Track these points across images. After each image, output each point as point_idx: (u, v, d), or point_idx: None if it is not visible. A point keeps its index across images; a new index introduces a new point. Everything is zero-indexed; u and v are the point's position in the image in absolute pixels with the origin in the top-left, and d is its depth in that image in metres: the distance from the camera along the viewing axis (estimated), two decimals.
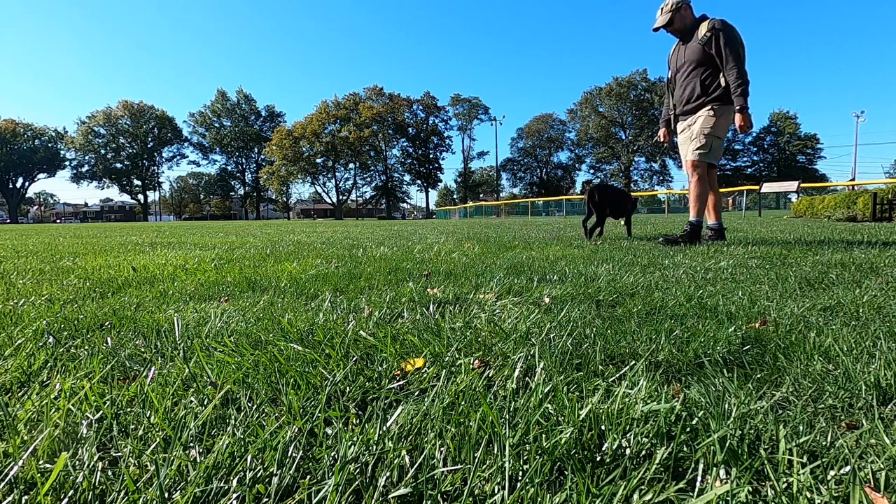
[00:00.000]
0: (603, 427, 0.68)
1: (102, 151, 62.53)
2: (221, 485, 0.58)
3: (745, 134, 3.69)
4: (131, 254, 3.80)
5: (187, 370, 0.93)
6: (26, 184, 63.99)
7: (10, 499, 0.56)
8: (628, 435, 0.66)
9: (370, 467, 0.61)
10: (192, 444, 0.66)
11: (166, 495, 0.56)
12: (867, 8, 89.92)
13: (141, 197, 66.70)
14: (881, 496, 0.55)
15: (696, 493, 0.56)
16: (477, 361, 0.97)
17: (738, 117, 3.50)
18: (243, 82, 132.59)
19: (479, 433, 0.67)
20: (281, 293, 1.78)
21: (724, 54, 3.54)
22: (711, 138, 3.66)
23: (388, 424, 0.70)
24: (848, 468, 0.59)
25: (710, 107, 3.67)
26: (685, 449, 0.64)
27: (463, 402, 0.77)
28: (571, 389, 0.84)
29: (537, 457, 0.61)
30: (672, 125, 4.13)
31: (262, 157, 63.82)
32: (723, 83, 3.62)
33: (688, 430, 0.68)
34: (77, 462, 0.62)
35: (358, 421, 0.75)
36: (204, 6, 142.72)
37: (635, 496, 0.55)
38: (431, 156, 63.74)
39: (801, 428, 0.70)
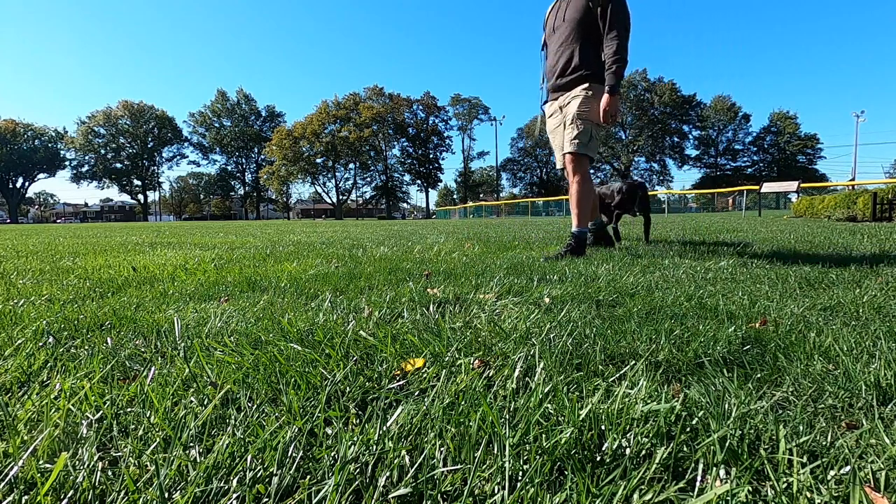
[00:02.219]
0: (603, 427, 0.68)
1: (102, 151, 62.53)
2: (221, 485, 0.58)
3: (609, 125, 2.88)
4: (131, 254, 3.80)
5: (187, 370, 0.93)
6: (26, 184, 63.99)
7: (10, 499, 0.56)
8: (628, 435, 0.66)
9: (370, 467, 0.61)
10: (192, 444, 0.66)
11: (166, 495, 0.56)
12: (867, 8, 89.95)
13: (141, 197, 66.71)
14: (881, 496, 0.55)
15: (696, 493, 0.56)
16: (477, 361, 0.97)
17: (605, 98, 2.78)
18: (243, 82, 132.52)
19: (479, 433, 0.67)
20: (281, 293, 1.78)
21: (609, 19, 2.79)
22: (590, 125, 2.89)
23: (388, 424, 0.70)
24: (848, 468, 0.59)
25: (588, 84, 2.88)
26: (685, 449, 0.64)
27: (463, 402, 0.77)
28: (571, 389, 0.84)
29: (537, 457, 0.61)
30: (541, 105, 3.19)
31: (262, 157, 63.83)
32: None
33: (688, 429, 0.68)
34: (77, 462, 0.62)
35: (358, 421, 0.75)
36: (204, 6, 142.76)
37: (635, 496, 0.55)
38: (431, 156, 63.75)
39: (801, 428, 0.70)
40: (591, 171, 3.22)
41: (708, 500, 0.53)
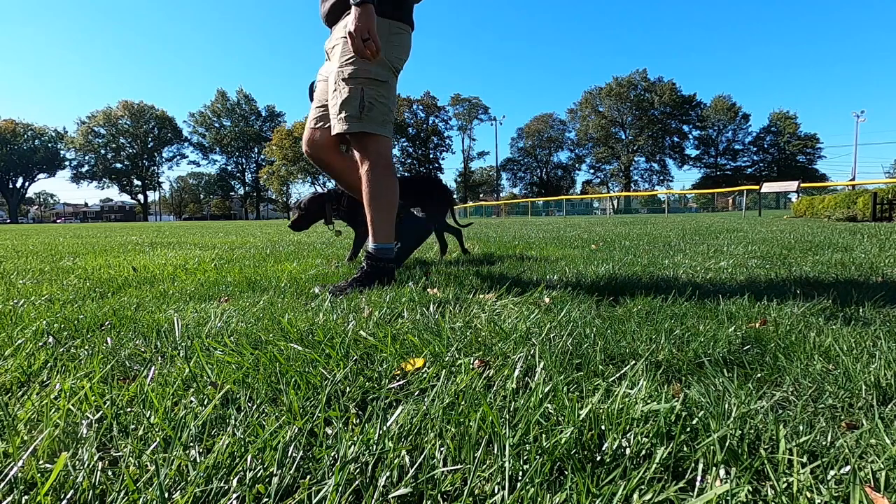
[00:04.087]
0: (603, 427, 0.68)
1: (102, 151, 62.62)
2: (221, 485, 0.58)
3: (368, 57, 1.72)
4: (131, 254, 3.80)
5: (187, 370, 0.93)
6: (26, 184, 64.06)
7: (10, 499, 0.56)
8: (628, 435, 0.66)
9: (370, 467, 0.61)
10: (192, 444, 0.66)
11: (166, 495, 0.56)
12: (868, 7, 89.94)
13: (141, 197, 66.77)
14: (881, 496, 0.55)
15: (695, 493, 0.56)
16: (477, 361, 0.97)
17: (351, 13, 1.71)
18: (243, 82, 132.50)
19: (479, 433, 0.67)
20: (281, 293, 1.78)
21: None
22: (358, 86, 1.85)
23: (388, 424, 0.70)
24: (848, 468, 0.59)
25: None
26: (685, 449, 0.64)
27: (463, 402, 0.77)
28: (571, 389, 0.84)
29: (537, 457, 0.61)
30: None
31: (262, 157, 63.92)
32: None
33: (688, 429, 0.68)
34: (77, 462, 0.62)
35: (358, 421, 0.75)
36: (204, 6, 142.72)
37: (635, 496, 0.55)
38: (431, 156, 63.83)
39: (801, 428, 0.70)
40: (593, 170, 2.64)
41: (708, 500, 0.53)
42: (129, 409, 0.78)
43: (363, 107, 1.86)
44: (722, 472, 0.59)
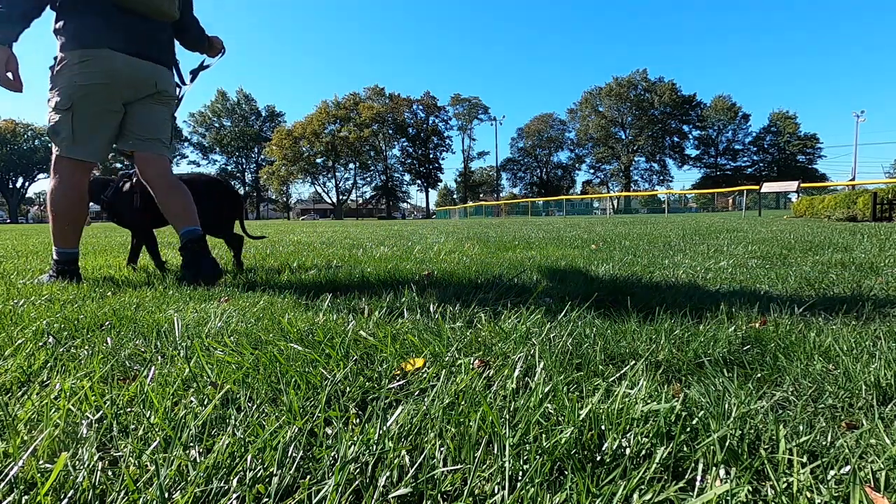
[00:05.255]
0: (603, 427, 0.68)
1: None
2: (221, 485, 0.58)
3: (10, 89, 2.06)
4: None
5: (187, 370, 0.93)
6: (26, 184, 64.03)
7: (10, 499, 0.56)
8: (628, 435, 0.66)
9: (370, 467, 0.61)
10: (192, 444, 0.66)
11: (166, 495, 0.56)
12: (868, 7, 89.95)
13: None
14: (881, 496, 0.55)
15: (695, 493, 0.56)
16: (477, 361, 0.97)
17: None
18: (243, 82, 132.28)
19: (479, 433, 0.67)
20: (281, 293, 1.78)
21: None
22: (55, 113, 2.09)
23: (388, 424, 0.70)
24: (848, 468, 0.59)
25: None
26: (685, 449, 0.64)
27: (463, 402, 0.77)
28: (571, 389, 0.84)
29: (537, 457, 0.61)
30: None
31: (262, 157, 63.89)
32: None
33: (688, 429, 0.68)
34: (77, 462, 0.62)
35: (358, 421, 0.75)
36: (204, 5, 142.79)
37: (635, 496, 0.55)
38: (431, 156, 63.78)
39: (801, 428, 0.70)
40: (593, 170, 2.86)
41: (708, 499, 0.53)
42: (129, 409, 0.78)
43: (62, 131, 2.08)
44: (722, 472, 0.59)
